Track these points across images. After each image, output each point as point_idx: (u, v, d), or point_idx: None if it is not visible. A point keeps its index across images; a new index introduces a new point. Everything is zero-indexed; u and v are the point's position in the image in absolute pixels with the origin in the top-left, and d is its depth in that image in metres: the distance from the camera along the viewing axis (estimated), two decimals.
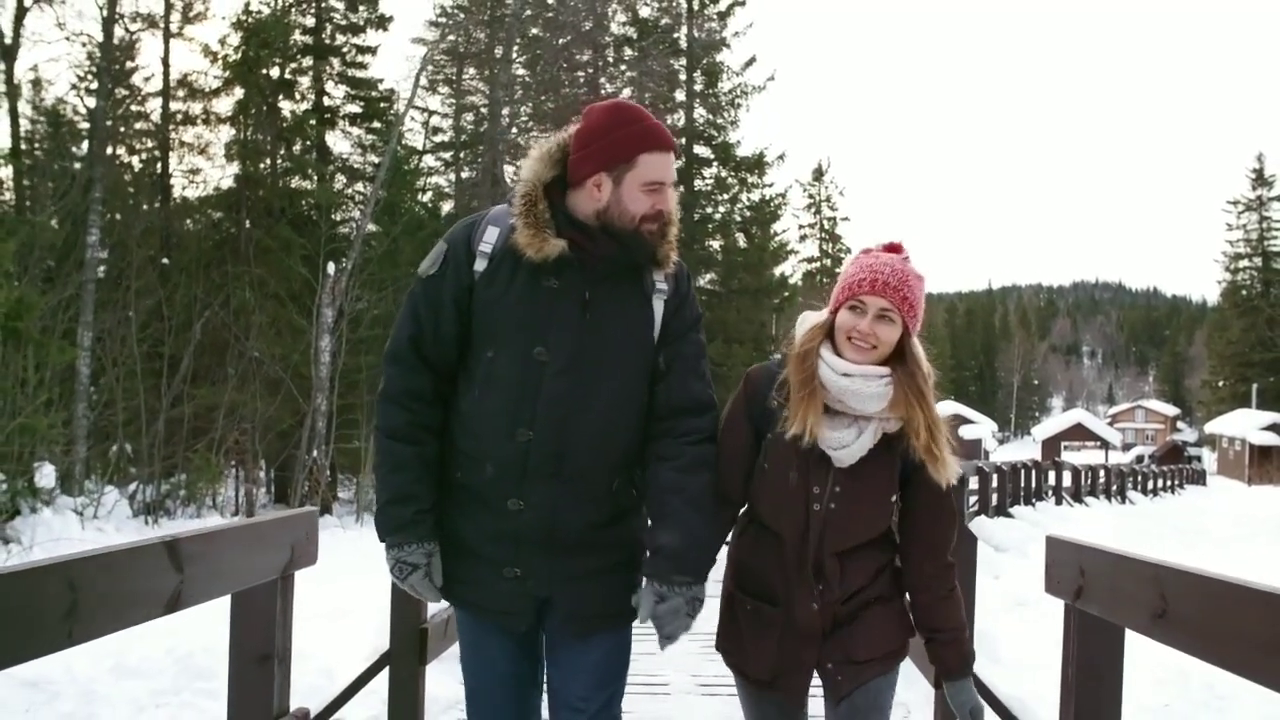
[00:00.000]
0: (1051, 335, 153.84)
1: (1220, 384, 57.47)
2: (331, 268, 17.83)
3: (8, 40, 17.61)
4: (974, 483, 12.65)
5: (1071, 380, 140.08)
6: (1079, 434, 66.74)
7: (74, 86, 20.98)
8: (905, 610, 2.24)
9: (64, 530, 10.54)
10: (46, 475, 11.42)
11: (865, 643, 2.16)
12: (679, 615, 2.08)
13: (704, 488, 2.14)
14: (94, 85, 19.33)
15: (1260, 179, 56.52)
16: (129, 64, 20.24)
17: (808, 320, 2.24)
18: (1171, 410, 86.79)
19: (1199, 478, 38.48)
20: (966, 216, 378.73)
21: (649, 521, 2.18)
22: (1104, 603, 2.30)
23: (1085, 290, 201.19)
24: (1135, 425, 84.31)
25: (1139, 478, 26.81)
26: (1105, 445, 64.19)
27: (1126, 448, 71.68)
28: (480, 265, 2.10)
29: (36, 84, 20.47)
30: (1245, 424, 48.39)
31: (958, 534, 2.23)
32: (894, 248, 2.18)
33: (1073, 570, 2.41)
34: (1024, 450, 58.85)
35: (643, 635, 5.37)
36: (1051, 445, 63.04)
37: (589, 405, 2.08)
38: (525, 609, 2.13)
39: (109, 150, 18.98)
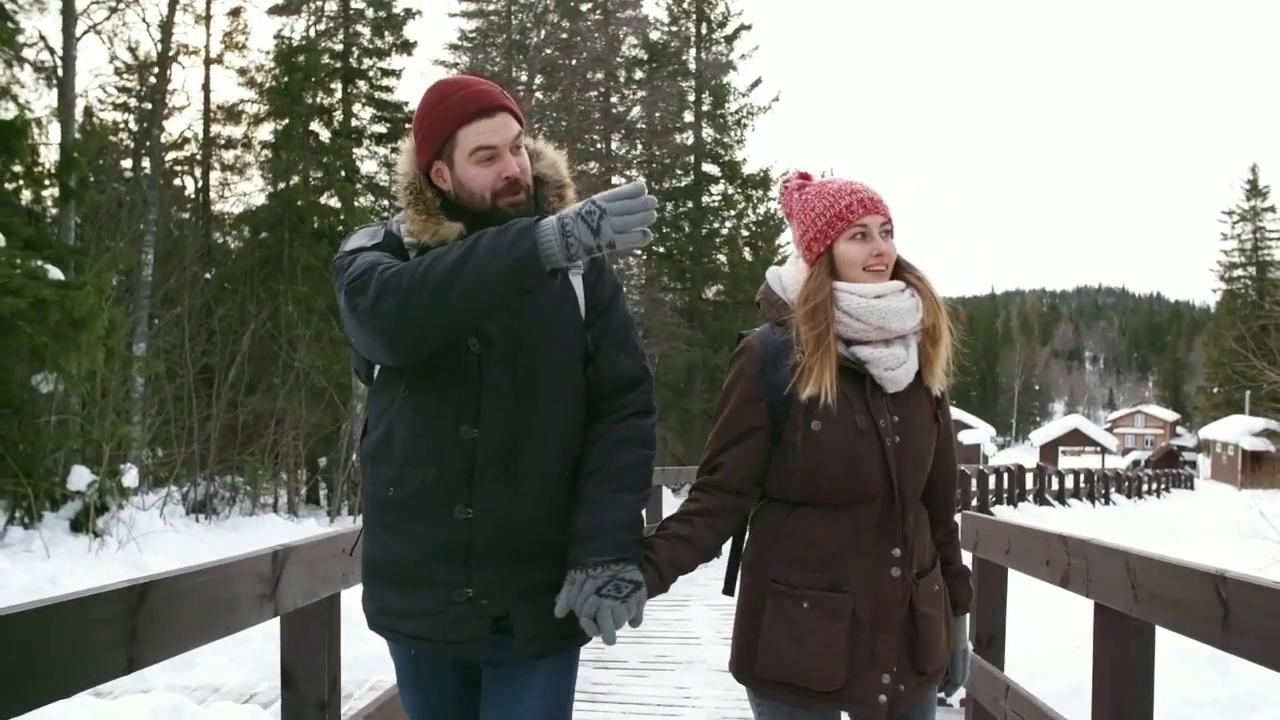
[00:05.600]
0: (1054, 340, 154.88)
1: (1215, 390, 58.59)
2: None
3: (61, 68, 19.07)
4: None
5: (1073, 385, 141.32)
6: (1076, 439, 67.83)
7: (122, 107, 22.56)
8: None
9: (150, 526, 11.95)
10: (131, 476, 12.87)
11: (930, 648, 1.92)
12: (585, 597, 1.79)
13: (626, 465, 1.93)
14: (147, 107, 20.88)
15: (1254, 190, 57.59)
16: (171, 89, 21.78)
17: (783, 276, 2.07)
18: (1171, 416, 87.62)
19: (1187, 481, 39.65)
20: (969, 222, 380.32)
21: None
22: (987, 550, 3.68)
23: (1088, 295, 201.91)
24: (1135, 430, 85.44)
25: (1124, 481, 28.09)
26: (1103, 450, 65.10)
27: (1125, 453, 72.85)
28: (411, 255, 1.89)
29: (87, 112, 22.04)
30: (1238, 430, 49.48)
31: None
32: (806, 176, 2.08)
33: (971, 533, 3.80)
34: (1023, 455, 59.86)
35: (676, 603, 7.44)
36: (1049, 450, 64.18)
37: (535, 393, 1.89)
38: (480, 634, 1.88)
39: (160, 176, 20.48)
